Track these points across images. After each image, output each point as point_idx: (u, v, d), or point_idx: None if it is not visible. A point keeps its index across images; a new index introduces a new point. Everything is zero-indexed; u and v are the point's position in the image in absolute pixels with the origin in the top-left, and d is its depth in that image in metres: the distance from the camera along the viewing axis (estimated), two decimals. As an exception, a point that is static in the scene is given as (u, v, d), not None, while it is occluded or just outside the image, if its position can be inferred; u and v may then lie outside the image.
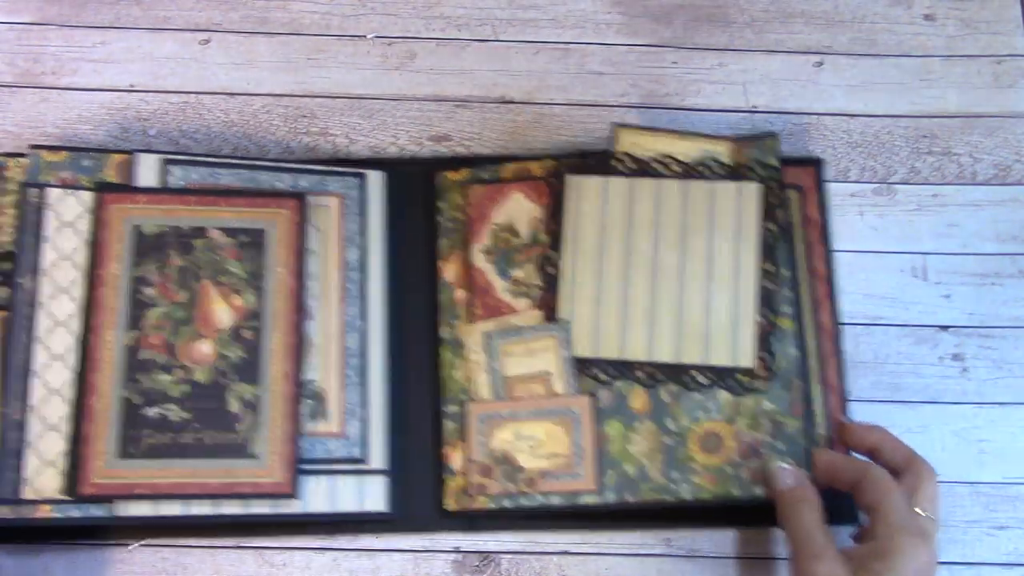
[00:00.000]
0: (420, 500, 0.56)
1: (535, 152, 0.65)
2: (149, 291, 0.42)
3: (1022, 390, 0.63)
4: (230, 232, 0.43)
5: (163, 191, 0.45)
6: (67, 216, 0.53)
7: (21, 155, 0.58)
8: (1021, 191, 0.67)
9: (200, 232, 0.43)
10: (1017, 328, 0.64)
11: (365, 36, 0.68)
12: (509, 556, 0.57)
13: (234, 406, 0.42)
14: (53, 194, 0.54)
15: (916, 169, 0.67)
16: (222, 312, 0.42)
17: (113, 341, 0.42)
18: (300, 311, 0.43)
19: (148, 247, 0.43)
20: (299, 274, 0.44)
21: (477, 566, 0.57)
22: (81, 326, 0.44)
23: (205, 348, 0.41)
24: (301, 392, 0.44)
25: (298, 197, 0.45)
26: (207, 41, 0.67)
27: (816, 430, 0.57)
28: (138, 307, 0.42)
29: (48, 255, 0.53)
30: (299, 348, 0.43)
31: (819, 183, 0.64)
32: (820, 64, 0.69)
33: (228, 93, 0.66)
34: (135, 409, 0.41)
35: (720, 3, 0.70)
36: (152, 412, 0.41)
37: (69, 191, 0.53)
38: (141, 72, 0.66)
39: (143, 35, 0.66)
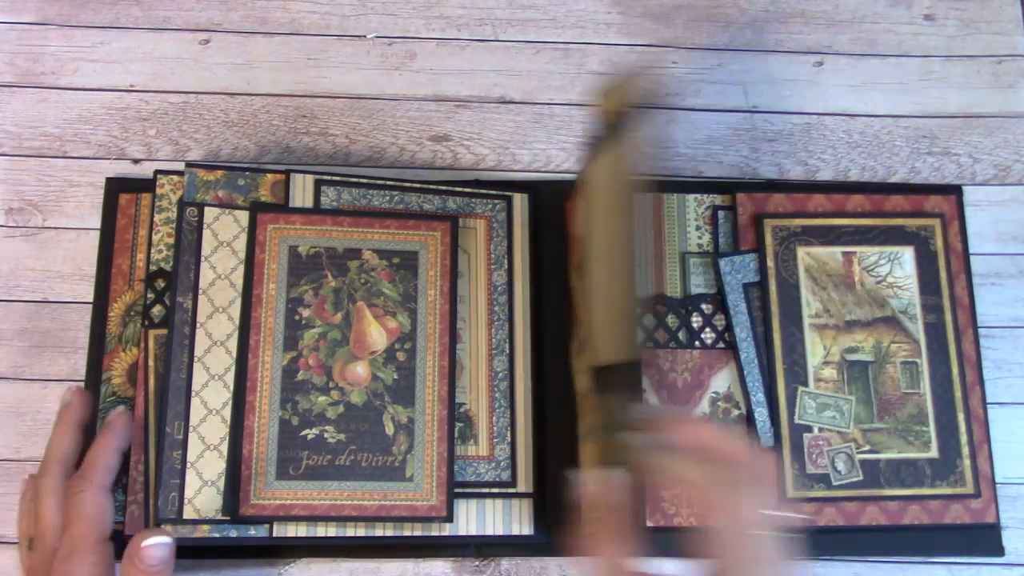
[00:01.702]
0: (564, 524, 0.55)
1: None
2: (305, 312, 0.42)
3: (1022, 390, 0.63)
4: (383, 254, 0.43)
5: (318, 212, 0.43)
6: (224, 236, 0.53)
7: (172, 172, 0.58)
8: (1021, 191, 0.67)
9: (354, 254, 0.42)
10: (1017, 328, 0.64)
11: (365, 36, 0.68)
12: (510, 557, 0.57)
13: (389, 428, 0.42)
14: (210, 213, 0.54)
15: (916, 169, 0.67)
16: (376, 334, 0.42)
17: (271, 362, 0.41)
18: (452, 333, 0.43)
19: (303, 268, 0.43)
20: (451, 296, 0.44)
21: (477, 566, 0.57)
22: (239, 346, 0.43)
23: (360, 370, 0.41)
24: (455, 415, 0.43)
25: (449, 219, 0.45)
26: (207, 41, 0.67)
27: None
28: (294, 328, 0.42)
29: (206, 274, 0.54)
30: (452, 371, 0.43)
31: (960, 211, 0.64)
32: (820, 64, 0.69)
33: (228, 93, 0.66)
34: (293, 430, 0.40)
35: (720, 3, 0.70)
36: (310, 433, 0.40)
37: (226, 210, 0.52)
38: (141, 72, 0.66)
39: (143, 35, 0.66)
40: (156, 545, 0.47)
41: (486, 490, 0.52)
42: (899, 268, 0.62)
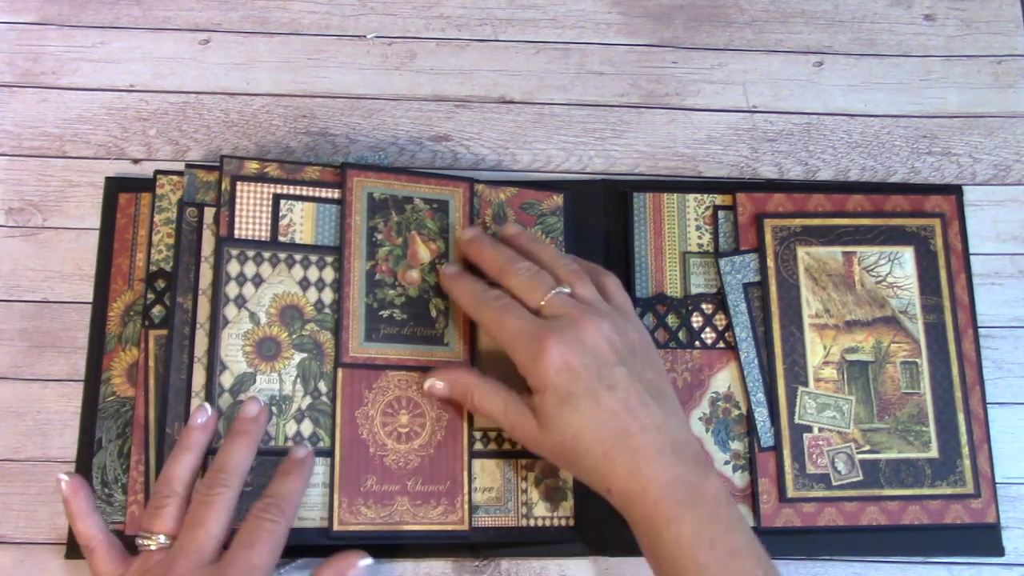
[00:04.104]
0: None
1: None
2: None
3: (1022, 390, 0.63)
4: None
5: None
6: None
7: (172, 172, 0.59)
8: (1021, 191, 0.67)
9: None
10: (1017, 328, 0.64)
11: (365, 36, 0.68)
12: (509, 557, 0.57)
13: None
14: (211, 214, 0.57)
15: (916, 169, 0.67)
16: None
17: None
18: None
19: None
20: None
21: (477, 566, 0.57)
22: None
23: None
24: None
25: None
26: (207, 41, 0.67)
27: None
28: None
29: (206, 275, 0.56)
30: None
31: (960, 211, 0.64)
32: (820, 64, 0.69)
33: (228, 93, 0.65)
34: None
35: (720, 3, 0.70)
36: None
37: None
38: (141, 72, 0.66)
39: (143, 35, 0.66)
40: (364, 567, 0.52)
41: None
42: (899, 268, 0.62)
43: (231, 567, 0.48)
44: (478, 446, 0.57)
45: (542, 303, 0.52)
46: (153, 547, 0.49)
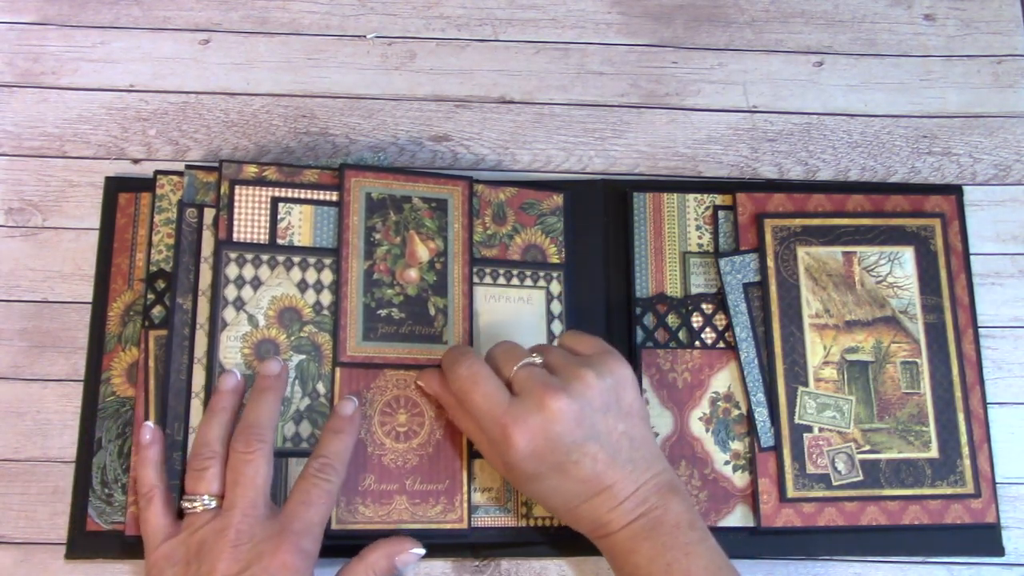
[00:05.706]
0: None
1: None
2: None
3: (1022, 390, 0.63)
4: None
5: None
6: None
7: (172, 172, 0.59)
8: (1021, 191, 0.67)
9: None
10: (1017, 328, 0.64)
11: (365, 36, 0.68)
12: (509, 557, 0.57)
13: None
14: (211, 214, 0.57)
15: (916, 169, 0.67)
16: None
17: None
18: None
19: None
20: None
21: (477, 566, 0.57)
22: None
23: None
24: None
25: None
26: (207, 41, 0.67)
27: None
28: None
29: (205, 276, 0.56)
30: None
31: (960, 211, 0.64)
32: (820, 64, 0.69)
33: (228, 93, 0.65)
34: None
35: (720, 3, 0.70)
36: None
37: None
38: (141, 72, 0.66)
39: (143, 35, 0.66)
40: (416, 555, 0.53)
41: None
42: (899, 268, 0.62)
43: (292, 522, 0.50)
44: None
45: (511, 376, 0.52)
46: (199, 509, 0.50)
